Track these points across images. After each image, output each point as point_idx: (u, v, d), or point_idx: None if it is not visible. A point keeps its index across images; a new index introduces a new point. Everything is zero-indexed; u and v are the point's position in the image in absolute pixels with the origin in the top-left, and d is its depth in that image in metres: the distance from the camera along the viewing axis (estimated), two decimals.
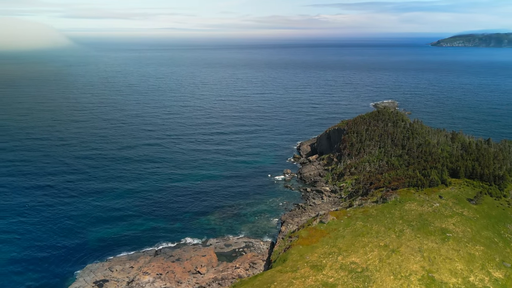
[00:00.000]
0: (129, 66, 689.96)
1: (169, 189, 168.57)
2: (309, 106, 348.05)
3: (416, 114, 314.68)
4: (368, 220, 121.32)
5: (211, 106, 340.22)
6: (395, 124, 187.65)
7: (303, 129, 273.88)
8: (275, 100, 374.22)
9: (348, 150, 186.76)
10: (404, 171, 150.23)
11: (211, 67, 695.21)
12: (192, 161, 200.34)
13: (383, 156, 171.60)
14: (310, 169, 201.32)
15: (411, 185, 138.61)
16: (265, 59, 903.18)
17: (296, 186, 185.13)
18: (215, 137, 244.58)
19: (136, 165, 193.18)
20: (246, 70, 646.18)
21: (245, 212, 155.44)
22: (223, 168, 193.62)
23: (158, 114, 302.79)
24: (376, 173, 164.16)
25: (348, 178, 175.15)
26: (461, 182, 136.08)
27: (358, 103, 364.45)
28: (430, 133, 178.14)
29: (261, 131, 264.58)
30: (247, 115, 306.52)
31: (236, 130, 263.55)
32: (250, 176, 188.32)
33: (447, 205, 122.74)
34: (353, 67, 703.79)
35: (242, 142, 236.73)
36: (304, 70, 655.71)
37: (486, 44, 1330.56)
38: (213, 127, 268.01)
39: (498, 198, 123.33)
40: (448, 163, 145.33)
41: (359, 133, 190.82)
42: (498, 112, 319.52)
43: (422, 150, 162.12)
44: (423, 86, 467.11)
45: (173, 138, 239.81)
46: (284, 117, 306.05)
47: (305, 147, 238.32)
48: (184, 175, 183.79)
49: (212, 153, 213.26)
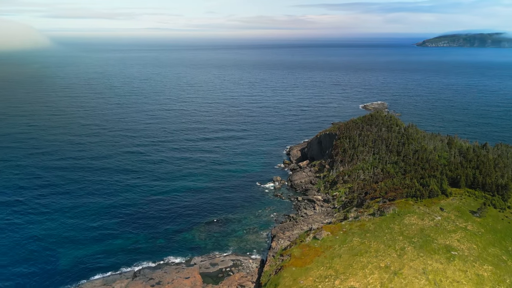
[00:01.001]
0: (112, 67, 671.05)
1: (151, 202, 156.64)
2: (298, 108, 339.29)
3: (406, 116, 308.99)
4: (365, 236, 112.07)
5: (197, 109, 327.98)
6: (389, 129, 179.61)
7: (292, 133, 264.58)
8: (263, 102, 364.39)
9: (340, 157, 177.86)
10: (401, 180, 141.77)
11: (197, 68, 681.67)
12: (175, 171, 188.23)
13: (377, 163, 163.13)
14: (301, 176, 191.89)
15: (409, 196, 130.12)
16: (252, 60, 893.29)
17: (287, 194, 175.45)
18: (201, 144, 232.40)
19: (115, 176, 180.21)
20: (233, 71, 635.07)
21: (232, 226, 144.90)
22: (209, 178, 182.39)
23: (141, 119, 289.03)
24: (371, 182, 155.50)
25: (341, 187, 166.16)
26: (462, 192, 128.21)
27: (347, 105, 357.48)
28: (426, 138, 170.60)
29: (249, 135, 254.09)
30: (235, 119, 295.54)
31: (223, 135, 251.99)
32: (238, 186, 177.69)
33: (449, 219, 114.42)
34: (340, 68, 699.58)
35: (229, 148, 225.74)
36: (292, 70, 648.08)
37: (470, 44, 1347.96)
38: (198, 133, 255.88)
39: (503, 210, 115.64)
40: (447, 171, 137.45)
41: (352, 139, 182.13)
42: (489, 114, 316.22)
43: (418, 156, 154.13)
44: (411, 87, 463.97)
45: (156, 145, 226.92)
46: (273, 120, 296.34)
47: (295, 152, 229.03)
48: (167, 186, 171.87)
49: (197, 162, 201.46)
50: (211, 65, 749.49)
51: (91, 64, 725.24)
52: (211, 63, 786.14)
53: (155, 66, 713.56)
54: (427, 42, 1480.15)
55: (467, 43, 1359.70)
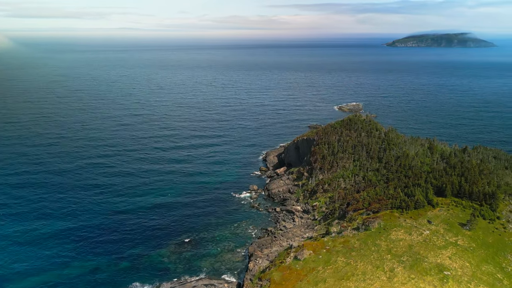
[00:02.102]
0: (78, 69, 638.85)
1: (114, 222, 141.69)
2: (273, 111, 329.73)
3: (382, 117, 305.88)
4: (351, 255, 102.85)
5: (167, 114, 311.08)
6: (369, 134, 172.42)
7: (268, 138, 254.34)
8: (237, 105, 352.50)
9: (319, 164, 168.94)
10: (384, 190, 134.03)
11: (168, 69, 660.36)
12: (142, 184, 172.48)
13: (358, 171, 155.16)
14: (278, 184, 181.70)
15: (394, 207, 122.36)
16: (225, 60, 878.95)
17: (264, 205, 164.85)
18: (171, 153, 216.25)
19: (74, 192, 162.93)
20: (206, 72, 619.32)
21: (205, 244, 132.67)
22: (179, 191, 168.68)
23: (106, 126, 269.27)
24: (353, 191, 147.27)
25: (321, 196, 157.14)
26: (449, 202, 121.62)
27: (323, 107, 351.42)
28: (407, 143, 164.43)
29: (223, 142, 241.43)
30: (207, 124, 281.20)
31: (195, 143, 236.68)
32: (212, 198, 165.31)
33: (438, 233, 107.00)
34: (314, 69, 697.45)
35: (202, 157, 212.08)
36: (266, 71, 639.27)
37: (437, 44, 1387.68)
38: (168, 140, 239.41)
39: (492, 221, 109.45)
40: (431, 179, 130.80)
41: (331, 144, 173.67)
42: (462, 114, 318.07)
43: (401, 163, 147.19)
44: (385, 87, 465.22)
45: (121, 155, 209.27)
46: (248, 124, 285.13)
47: (272, 158, 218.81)
48: (133, 202, 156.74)
49: (167, 173, 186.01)
50: (183, 66, 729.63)
51: (55, 66, 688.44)
52: (183, 64, 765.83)
53: (124, 67, 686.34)
54: (397, 42, 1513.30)
55: (435, 43, 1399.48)
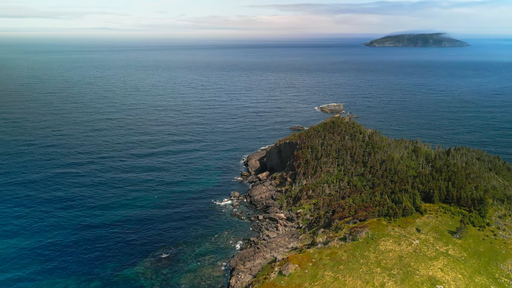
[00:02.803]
0: (50, 71, 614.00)
1: (85, 236, 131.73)
2: (254, 113, 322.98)
3: (363, 118, 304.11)
4: (338, 269, 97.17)
5: (144, 117, 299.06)
6: (353, 137, 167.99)
7: (249, 141, 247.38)
8: (217, 107, 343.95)
9: (302, 169, 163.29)
10: (371, 196, 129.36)
11: (145, 70, 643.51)
12: (116, 195, 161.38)
13: (343, 176, 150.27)
14: (261, 190, 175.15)
15: (381, 215, 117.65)
16: (205, 61, 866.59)
17: (246, 213, 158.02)
18: (147, 160, 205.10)
19: (41, 205, 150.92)
20: (185, 73, 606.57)
21: (184, 258, 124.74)
22: (156, 201, 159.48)
23: (79, 131, 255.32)
24: (338, 197, 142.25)
25: (305, 203, 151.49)
26: (437, 208, 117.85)
27: (304, 108, 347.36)
28: (391, 146, 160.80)
29: (203, 146, 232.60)
30: (186, 128, 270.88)
31: (174, 148, 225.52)
32: (191, 207, 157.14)
33: (428, 242, 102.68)
34: (294, 69, 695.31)
35: (181, 163, 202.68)
36: (246, 72, 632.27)
37: (414, 44, 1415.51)
38: (145, 146, 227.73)
39: (482, 228, 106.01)
40: (418, 184, 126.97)
41: (314, 148, 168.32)
42: (441, 115, 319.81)
43: (386, 167, 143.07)
44: (365, 88, 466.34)
45: (94, 163, 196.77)
46: (228, 127, 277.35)
47: (254, 162, 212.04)
48: (105, 214, 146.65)
49: (143, 182, 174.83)
50: (161, 67, 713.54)
51: (26, 67, 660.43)
52: (161, 65, 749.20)
53: (99, 68, 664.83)
54: (375, 42, 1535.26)
55: (411, 43, 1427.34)
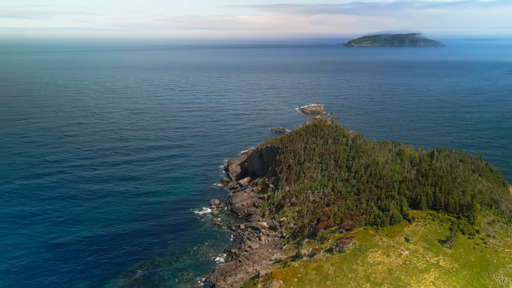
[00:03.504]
0: (17, 73, 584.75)
1: (50, 256, 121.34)
2: (234, 115, 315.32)
3: (344, 119, 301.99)
4: (325, 285, 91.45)
5: (119, 121, 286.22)
6: (336, 141, 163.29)
7: (230, 144, 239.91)
8: (196, 110, 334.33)
9: (285, 174, 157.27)
10: (356, 203, 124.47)
11: (121, 71, 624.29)
12: (87, 208, 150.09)
13: (327, 182, 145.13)
14: (242, 197, 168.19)
15: (368, 223, 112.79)
16: (183, 61, 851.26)
17: (227, 222, 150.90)
18: (122, 168, 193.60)
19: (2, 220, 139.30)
20: (162, 74, 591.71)
21: (161, 274, 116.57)
22: (130, 213, 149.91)
23: (48, 137, 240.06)
24: (322, 204, 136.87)
25: (288, 210, 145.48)
26: (425, 215, 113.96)
27: (285, 109, 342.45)
28: (375, 149, 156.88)
29: (181, 152, 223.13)
30: (163, 133, 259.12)
31: (150, 155, 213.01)
32: (168, 218, 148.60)
33: (417, 252, 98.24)
34: (274, 69, 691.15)
35: (157, 170, 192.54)
36: (225, 72, 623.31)
37: (390, 44, 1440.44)
38: (119, 153, 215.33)
39: (472, 236, 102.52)
40: (405, 190, 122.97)
41: (297, 153, 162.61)
42: (421, 115, 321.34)
43: (371, 172, 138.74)
44: (344, 88, 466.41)
45: (63, 172, 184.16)
46: (208, 130, 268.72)
47: (234, 167, 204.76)
48: (75, 230, 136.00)
49: (117, 193, 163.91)
50: (138, 67, 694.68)
51: None
52: (137, 66, 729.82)
53: (71, 70, 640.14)
54: (352, 42, 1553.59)
55: (388, 43, 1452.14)
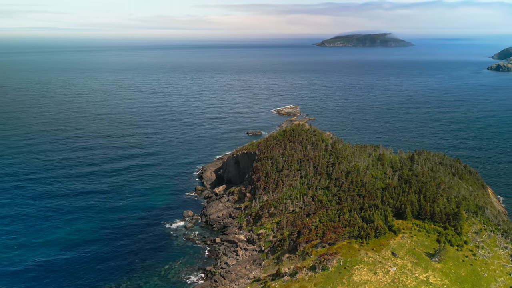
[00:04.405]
0: None
1: (2, 279, 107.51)
2: (208, 118, 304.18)
3: (320, 121, 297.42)
4: None
5: (84, 127, 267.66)
6: (315, 146, 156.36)
7: (204, 149, 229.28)
8: (169, 113, 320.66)
9: (263, 183, 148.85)
10: (338, 213, 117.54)
11: (89, 73, 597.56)
12: (46, 228, 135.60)
13: (307, 190, 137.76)
14: (217, 208, 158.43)
15: (352, 236, 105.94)
16: (155, 62, 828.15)
17: (201, 236, 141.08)
18: (87, 179, 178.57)
19: None
20: (132, 75, 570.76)
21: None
22: (95, 228, 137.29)
23: (6, 145, 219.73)
24: (302, 215, 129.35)
25: (267, 222, 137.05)
26: (410, 225, 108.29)
27: (260, 111, 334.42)
28: (355, 154, 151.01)
29: (152, 159, 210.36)
30: (133, 139, 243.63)
31: (117, 166, 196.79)
32: (137, 232, 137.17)
33: (406, 268, 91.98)
34: (248, 70, 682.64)
35: (126, 181, 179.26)
36: (198, 73, 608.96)
37: (362, 44, 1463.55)
38: (84, 162, 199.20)
39: (461, 248, 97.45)
40: (388, 198, 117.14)
41: (274, 159, 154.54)
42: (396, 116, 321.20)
43: (352, 180, 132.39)
44: (319, 88, 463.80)
45: (21, 187, 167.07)
46: (180, 135, 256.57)
47: (209, 174, 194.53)
48: (31, 252, 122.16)
49: (80, 208, 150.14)
50: (106, 69, 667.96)
51: None
52: (106, 67, 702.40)
53: (36, 72, 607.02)
54: (326, 42, 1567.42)
55: (360, 43, 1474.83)
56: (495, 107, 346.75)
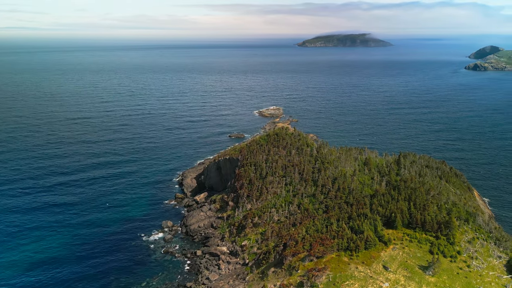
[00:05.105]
0: None
1: None
2: (189, 121, 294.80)
3: (303, 122, 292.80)
4: None
5: (57, 133, 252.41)
6: (300, 151, 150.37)
7: (184, 154, 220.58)
8: (147, 116, 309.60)
9: (246, 190, 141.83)
10: (326, 223, 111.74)
11: (63, 74, 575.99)
12: (8, 247, 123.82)
13: (292, 198, 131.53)
14: (198, 217, 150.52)
15: (341, 249, 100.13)
16: (132, 62, 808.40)
17: (181, 248, 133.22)
18: (56, 190, 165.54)
19: None
20: (110, 76, 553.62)
21: None
22: (65, 245, 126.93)
23: None
24: (288, 224, 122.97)
25: (251, 232, 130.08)
26: (401, 235, 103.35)
27: (242, 113, 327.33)
28: (341, 158, 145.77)
29: (128, 165, 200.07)
30: (108, 145, 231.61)
31: (89, 175, 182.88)
32: (111, 247, 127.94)
33: (399, 284, 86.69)
34: (229, 70, 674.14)
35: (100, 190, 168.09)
36: (178, 74, 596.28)
37: (343, 44, 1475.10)
38: (54, 172, 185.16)
39: (454, 259, 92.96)
40: (377, 206, 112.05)
41: (258, 166, 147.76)
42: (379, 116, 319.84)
43: (339, 186, 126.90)
44: (301, 89, 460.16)
45: None
46: (159, 140, 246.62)
47: (189, 180, 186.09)
48: None
49: (48, 223, 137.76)
50: (83, 70, 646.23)
51: None
52: (82, 68, 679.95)
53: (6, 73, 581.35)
54: (307, 42, 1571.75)
55: (340, 43, 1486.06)
56: (476, 106, 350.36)
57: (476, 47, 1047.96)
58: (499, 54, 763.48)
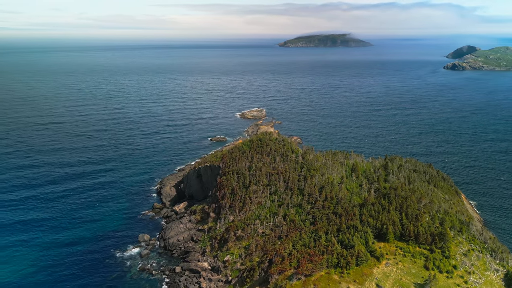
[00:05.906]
0: None
1: None
2: (168, 125, 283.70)
3: (286, 125, 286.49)
4: None
5: (26, 139, 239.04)
6: (285, 158, 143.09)
7: (164, 159, 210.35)
8: (125, 119, 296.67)
9: (228, 201, 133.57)
10: (314, 236, 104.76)
11: (36, 76, 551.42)
12: None
13: (277, 208, 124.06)
14: (178, 230, 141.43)
15: (330, 265, 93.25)
16: (110, 63, 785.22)
17: (159, 265, 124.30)
18: (22, 204, 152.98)
19: None
20: (86, 78, 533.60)
21: None
22: (30, 266, 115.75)
23: None
24: (273, 237, 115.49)
25: (234, 246, 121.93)
26: (394, 249, 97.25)
27: (224, 115, 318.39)
28: (328, 165, 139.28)
29: (103, 174, 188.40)
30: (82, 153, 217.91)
31: (62, 187, 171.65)
32: (82, 265, 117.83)
33: None
34: (211, 71, 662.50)
35: (72, 203, 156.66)
36: (157, 75, 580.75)
37: (324, 44, 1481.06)
38: (21, 184, 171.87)
39: (451, 275, 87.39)
40: (368, 217, 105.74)
41: (241, 174, 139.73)
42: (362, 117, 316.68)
43: (326, 196, 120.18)
44: (284, 90, 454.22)
45: None
46: (137, 144, 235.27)
47: (168, 189, 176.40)
48: None
49: (12, 243, 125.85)
50: (56, 71, 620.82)
51: None
52: (56, 69, 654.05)
53: None
54: (288, 42, 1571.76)
55: (321, 43, 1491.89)
56: (457, 107, 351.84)
57: (454, 47, 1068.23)
58: (476, 54, 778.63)
